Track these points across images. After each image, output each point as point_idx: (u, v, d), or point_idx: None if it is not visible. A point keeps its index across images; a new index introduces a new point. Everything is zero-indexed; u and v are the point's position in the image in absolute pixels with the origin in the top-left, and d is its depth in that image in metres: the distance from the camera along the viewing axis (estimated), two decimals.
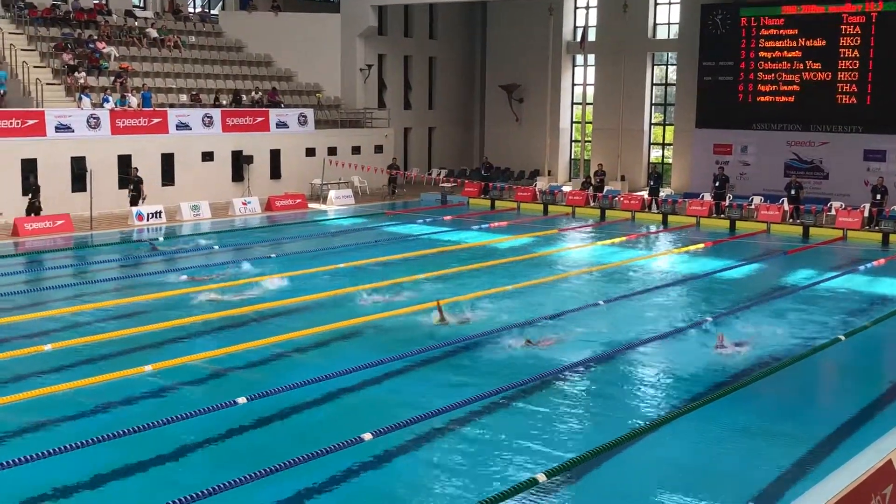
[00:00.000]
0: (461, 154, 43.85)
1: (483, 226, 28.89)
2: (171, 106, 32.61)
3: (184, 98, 33.56)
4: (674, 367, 14.08)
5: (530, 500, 9.47)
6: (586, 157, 39.83)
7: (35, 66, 30.43)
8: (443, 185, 36.52)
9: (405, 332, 15.76)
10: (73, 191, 27.88)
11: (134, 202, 27.86)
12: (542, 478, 9.77)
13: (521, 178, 40.72)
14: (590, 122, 39.79)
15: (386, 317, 16.63)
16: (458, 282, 19.93)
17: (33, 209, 26.21)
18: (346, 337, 15.37)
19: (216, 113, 32.60)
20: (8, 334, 15.24)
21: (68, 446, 10.18)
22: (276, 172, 34.17)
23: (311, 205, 32.86)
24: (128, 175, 27.86)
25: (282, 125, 34.51)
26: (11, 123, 27.20)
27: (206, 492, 9.01)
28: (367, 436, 10.72)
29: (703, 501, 9.55)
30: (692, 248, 25.47)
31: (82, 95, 29.70)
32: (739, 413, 12.10)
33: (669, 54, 39.36)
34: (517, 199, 33.81)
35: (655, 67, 39.77)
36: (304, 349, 14.78)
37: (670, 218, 30.49)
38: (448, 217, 30.45)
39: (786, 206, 29.53)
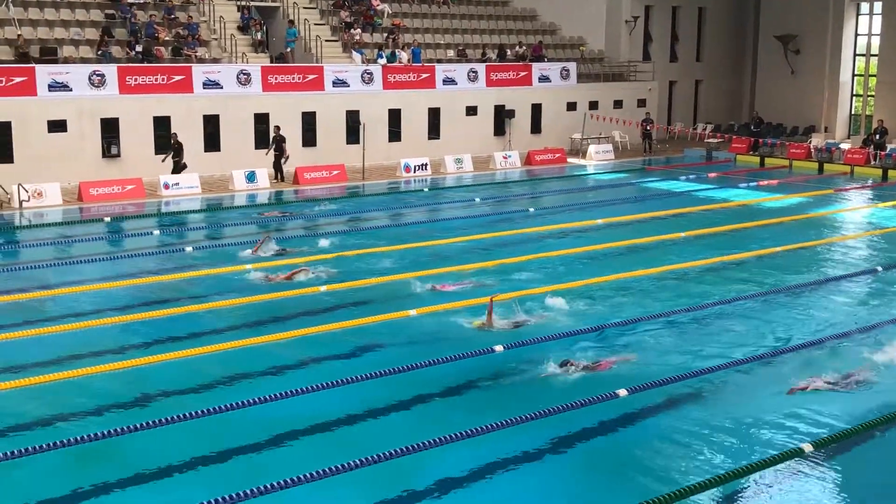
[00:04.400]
0: (729, 108, 42.00)
1: (751, 184, 27.66)
2: (439, 61, 33.53)
3: (451, 53, 34.38)
4: None
5: (794, 470, 9.08)
6: (868, 113, 36.99)
7: (315, 24, 32.26)
8: (708, 140, 35.25)
9: (669, 291, 15.53)
10: (348, 143, 29.47)
11: (275, 163, 26.60)
12: (808, 448, 9.33)
13: (794, 134, 38.46)
14: (873, 76, 36.82)
15: (644, 274, 16.38)
16: (724, 239, 19.35)
17: (178, 168, 25.26)
18: (608, 293, 15.29)
19: (481, 68, 33.16)
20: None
21: (337, 381, 10.89)
22: (536, 127, 34.34)
23: (570, 159, 32.78)
24: (274, 135, 26.75)
25: (544, 79, 34.56)
26: (294, 78, 29.10)
27: (466, 433, 9.35)
28: (623, 392, 10.66)
29: None
30: None
31: (357, 51, 31.17)
32: None
33: None
34: (789, 156, 32.10)
35: None
36: (557, 303, 14.70)
37: None
38: (713, 174, 29.39)
39: None
